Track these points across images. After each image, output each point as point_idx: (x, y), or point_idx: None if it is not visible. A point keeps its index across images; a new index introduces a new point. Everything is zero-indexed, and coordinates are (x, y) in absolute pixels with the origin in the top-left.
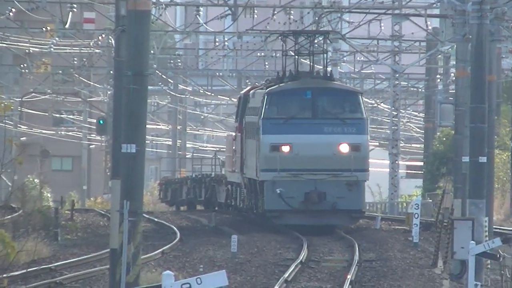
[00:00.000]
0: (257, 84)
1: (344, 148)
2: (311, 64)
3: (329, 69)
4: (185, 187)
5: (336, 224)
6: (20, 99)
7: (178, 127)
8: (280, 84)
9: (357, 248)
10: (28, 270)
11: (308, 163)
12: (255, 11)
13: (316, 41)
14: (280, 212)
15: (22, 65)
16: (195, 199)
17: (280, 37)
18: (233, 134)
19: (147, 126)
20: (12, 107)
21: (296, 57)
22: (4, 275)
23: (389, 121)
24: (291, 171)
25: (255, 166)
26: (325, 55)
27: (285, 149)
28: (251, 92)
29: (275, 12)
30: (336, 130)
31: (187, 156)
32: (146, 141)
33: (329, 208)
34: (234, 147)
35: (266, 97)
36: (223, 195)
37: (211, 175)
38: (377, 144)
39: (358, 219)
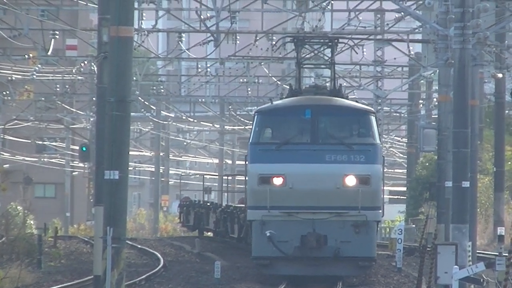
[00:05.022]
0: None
1: (351, 180)
2: (334, 74)
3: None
4: (212, 215)
5: (339, 275)
6: (2, 126)
7: (161, 154)
8: (274, 102)
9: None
10: None
11: (306, 199)
12: (237, 37)
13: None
14: (271, 259)
15: (4, 92)
16: (225, 233)
17: (293, 43)
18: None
19: (130, 152)
20: None
21: (299, 68)
22: None
23: None
24: (284, 209)
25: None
26: (332, 66)
27: (277, 181)
28: None
29: (258, 38)
30: (340, 159)
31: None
32: (129, 168)
33: (330, 255)
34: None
35: (256, 117)
36: None
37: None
38: None
39: (367, 268)
